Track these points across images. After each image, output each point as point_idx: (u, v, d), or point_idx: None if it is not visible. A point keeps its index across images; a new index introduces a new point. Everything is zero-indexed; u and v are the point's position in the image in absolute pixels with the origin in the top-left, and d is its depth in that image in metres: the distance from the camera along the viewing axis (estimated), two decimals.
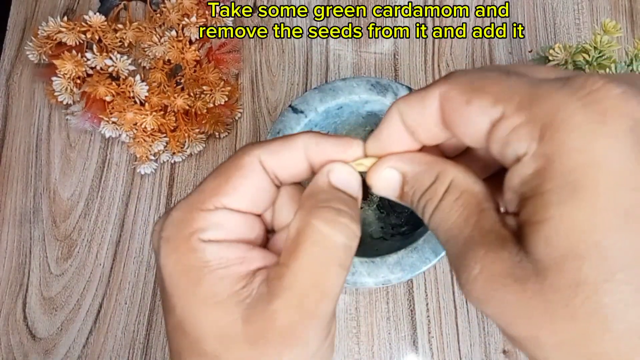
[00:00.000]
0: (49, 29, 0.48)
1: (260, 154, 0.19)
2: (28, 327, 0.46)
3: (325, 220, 0.18)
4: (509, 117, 0.15)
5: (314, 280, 0.18)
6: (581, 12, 0.55)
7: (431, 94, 0.17)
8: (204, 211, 0.18)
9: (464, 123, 0.17)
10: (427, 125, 0.18)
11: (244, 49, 0.54)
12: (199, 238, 0.18)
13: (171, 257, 0.18)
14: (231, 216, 0.19)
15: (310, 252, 0.18)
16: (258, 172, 0.19)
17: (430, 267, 0.36)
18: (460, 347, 0.45)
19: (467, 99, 0.16)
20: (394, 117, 0.19)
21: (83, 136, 0.51)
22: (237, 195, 0.19)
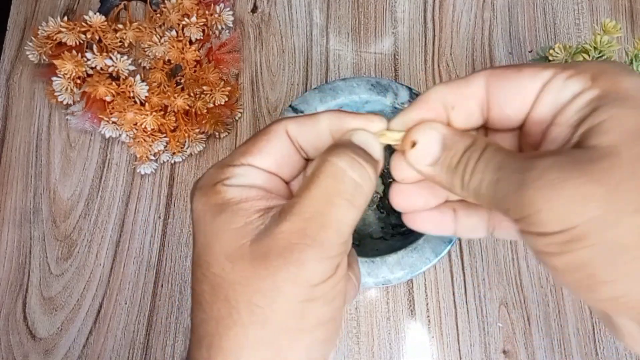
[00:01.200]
0: (49, 29, 0.48)
1: (287, 123, 0.21)
2: (28, 327, 0.46)
3: (340, 156, 0.19)
4: (560, 73, 0.18)
5: (320, 209, 0.19)
6: (581, 13, 0.55)
7: (475, 76, 0.20)
8: (231, 166, 0.21)
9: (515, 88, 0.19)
10: (467, 104, 0.20)
11: (244, 49, 0.54)
12: (223, 184, 0.20)
13: (201, 200, 0.20)
14: (255, 171, 0.21)
15: (321, 183, 0.19)
16: (283, 139, 0.21)
17: (430, 267, 0.36)
18: (460, 347, 0.45)
19: (518, 68, 0.19)
20: (432, 96, 0.20)
21: (83, 136, 0.51)
22: (261, 155, 0.21)
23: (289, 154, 0.22)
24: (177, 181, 0.50)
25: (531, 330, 0.46)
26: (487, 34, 0.54)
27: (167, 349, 0.46)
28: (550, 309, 0.46)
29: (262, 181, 0.21)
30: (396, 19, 0.55)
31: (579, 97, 0.18)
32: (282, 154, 0.21)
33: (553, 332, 0.46)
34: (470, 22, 0.54)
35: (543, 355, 0.45)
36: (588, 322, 0.46)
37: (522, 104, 0.19)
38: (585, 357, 0.45)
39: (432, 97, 0.20)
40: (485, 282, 0.47)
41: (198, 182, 0.22)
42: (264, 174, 0.21)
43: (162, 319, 0.47)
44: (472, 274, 0.47)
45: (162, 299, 0.47)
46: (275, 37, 0.54)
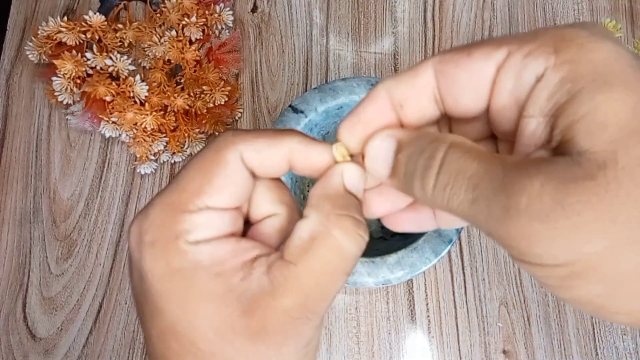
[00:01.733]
0: (49, 28, 0.48)
1: (243, 150, 0.19)
2: (28, 327, 0.46)
3: (344, 230, 0.18)
4: (516, 51, 0.15)
5: (321, 283, 0.18)
6: (581, 12, 0.55)
7: (423, 66, 0.17)
8: (187, 212, 0.18)
9: (467, 75, 0.16)
10: (417, 99, 0.18)
11: (244, 48, 0.54)
12: (187, 240, 0.18)
13: (159, 261, 0.18)
14: (216, 215, 0.18)
15: (323, 257, 0.18)
16: (240, 170, 0.19)
17: (430, 267, 0.36)
18: (460, 347, 0.45)
19: (467, 52, 0.16)
20: (379, 94, 0.18)
21: (83, 136, 0.51)
22: (222, 195, 0.18)
23: (246, 184, 0.19)
24: None
25: (531, 330, 0.46)
26: (487, 34, 0.54)
27: None
28: (550, 309, 0.46)
29: (227, 225, 0.19)
30: (396, 18, 0.55)
31: (544, 78, 0.15)
32: (240, 186, 0.19)
33: (553, 332, 0.46)
34: (470, 22, 0.54)
35: (543, 355, 0.45)
36: (588, 322, 0.46)
37: (477, 92, 0.17)
38: (585, 357, 0.45)
39: (379, 95, 0.18)
40: (485, 282, 0.47)
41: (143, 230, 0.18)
42: (226, 214, 0.19)
43: None
44: (472, 274, 0.47)
45: None
46: (275, 37, 0.54)
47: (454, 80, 0.17)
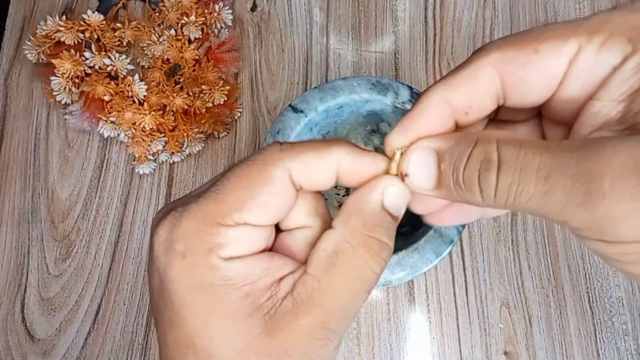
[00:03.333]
0: (47, 28, 0.48)
1: (292, 167, 0.18)
2: (26, 328, 0.46)
3: (370, 252, 0.18)
4: (589, 42, 0.15)
5: (344, 304, 0.17)
6: (582, 11, 0.54)
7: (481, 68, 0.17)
8: (223, 226, 0.17)
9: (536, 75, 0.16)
10: (481, 102, 0.17)
11: (244, 47, 0.53)
12: (220, 256, 0.17)
13: (188, 273, 0.17)
14: (254, 232, 0.18)
15: (348, 277, 0.17)
16: (287, 188, 0.18)
17: (431, 267, 0.36)
18: (461, 348, 0.45)
19: (534, 49, 0.16)
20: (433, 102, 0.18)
21: (81, 136, 0.51)
22: (263, 213, 0.18)
23: (290, 201, 0.18)
24: (176, 181, 0.50)
25: (532, 331, 0.45)
26: (489, 32, 0.54)
27: None
28: (551, 310, 0.46)
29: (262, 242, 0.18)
30: (397, 17, 0.54)
31: (623, 65, 0.15)
32: (286, 203, 0.18)
33: (554, 333, 0.45)
34: (471, 21, 0.54)
35: (544, 356, 0.45)
36: (590, 323, 0.46)
37: (547, 87, 0.16)
38: (586, 358, 0.45)
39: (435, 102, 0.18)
40: (487, 283, 0.46)
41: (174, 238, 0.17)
42: (263, 232, 0.18)
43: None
44: (473, 275, 0.47)
45: None
46: (274, 35, 0.54)
47: (522, 80, 0.16)
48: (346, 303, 0.17)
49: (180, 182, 0.50)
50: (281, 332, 0.17)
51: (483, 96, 0.17)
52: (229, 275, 0.17)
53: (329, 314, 0.17)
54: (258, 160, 0.18)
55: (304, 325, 0.17)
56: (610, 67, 0.15)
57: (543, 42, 0.16)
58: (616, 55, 0.15)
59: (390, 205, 0.18)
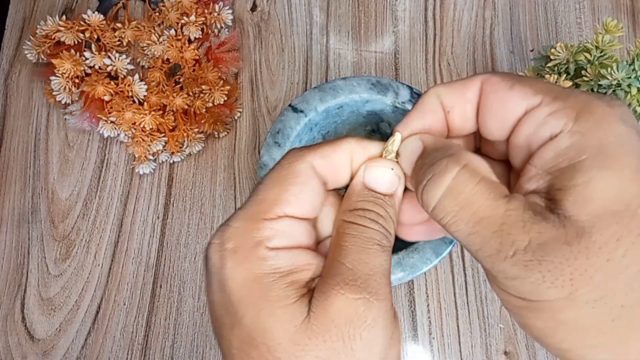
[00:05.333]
0: (47, 28, 0.48)
1: (312, 159, 0.20)
2: (26, 328, 0.46)
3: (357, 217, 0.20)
4: (547, 104, 0.17)
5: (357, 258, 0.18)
6: (582, 11, 0.54)
7: (473, 80, 0.19)
8: (267, 220, 0.19)
9: (501, 106, 0.19)
10: (463, 108, 0.20)
11: (244, 47, 0.53)
12: (267, 246, 0.18)
13: (241, 267, 0.18)
14: (294, 223, 0.19)
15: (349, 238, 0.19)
16: (313, 178, 0.20)
17: (431, 267, 0.36)
18: (461, 348, 0.45)
19: (511, 84, 0.18)
20: (431, 98, 0.20)
21: (81, 136, 0.51)
22: (298, 203, 0.19)
23: (319, 193, 0.20)
24: (176, 181, 0.50)
25: None
26: (489, 32, 0.54)
27: (165, 350, 0.46)
28: None
29: (303, 236, 0.20)
30: (397, 17, 0.54)
31: (557, 138, 0.17)
32: (315, 194, 0.20)
33: None
34: (471, 21, 0.54)
35: (544, 356, 0.45)
36: None
37: (502, 124, 0.19)
38: None
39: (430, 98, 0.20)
40: (487, 283, 0.46)
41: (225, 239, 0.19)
42: (303, 224, 0.20)
43: (160, 320, 0.46)
44: (474, 275, 0.47)
45: (161, 299, 0.47)
46: (274, 35, 0.54)
47: (489, 105, 0.19)
48: (359, 256, 0.18)
49: (180, 182, 0.50)
50: (320, 305, 0.18)
51: (465, 102, 0.20)
52: (277, 264, 0.18)
53: (350, 270, 0.18)
54: (283, 162, 0.20)
55: (334, 286, 0.18)
56: (549, 133, 0.17)
57: (520, 85, 0.18)
58: (558, 124, 0.17)
59: (370, 182, 0.20)
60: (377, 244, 0.19)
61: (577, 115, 0.17)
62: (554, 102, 0.17)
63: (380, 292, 0.18)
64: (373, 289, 0.18)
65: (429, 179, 0.18)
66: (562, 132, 0.17)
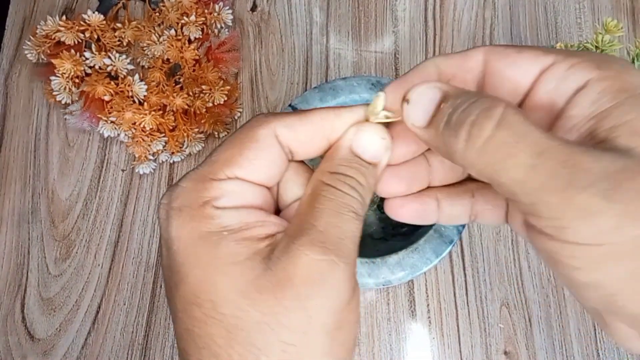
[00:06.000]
0: (47, 28, 0.48)
1: (276, 126, 0.19)
2: (26, 328, 0.46)
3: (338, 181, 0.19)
4: (562, 61, 0.17)
5: (332, 221, 0.18)
6: (582, 11, 0.54)
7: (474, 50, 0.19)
8: (216, 180, 0.18)
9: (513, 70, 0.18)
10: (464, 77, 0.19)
11: (244, 48, 0.53)
12: (214, 205, 0.18)
13: (186, 226, 0.18)
14: (246, 186, 0.19)
15: (326, 200, 0.18)
16: (273, 146, 0.19)
17: (431, 267, 0.36)
18: (461, 348, 0.45)
19: (518, 49, 0.18)
20: (428, 66, 0.19)
21: (81, 136, 0.51)
22: (251, 168, 0.19)
23: (278, 161, 0.19)
24: (176, 181, 0.50)
25: (532, 331, 0.45)
26: (488, 32, 0.54)
27: (166, 350, 0.46)
28: (551, 310, 0.46)
29: (255, 198, 0.19)
30: (397, 17, 0.54)
31: (587, 86, 0.16)
32: (272, 161, 0.19)
33: (554, 332, 0.45)
34: (471, 21, 0.54)
35: (544, 356, 0.45)
36: (589, 322, 0.46)
37: (517, 87, 0.18)
38: (586, 357, 0.45)
39: (428, 66, 0.19)
40: (487, 283, 0.46)
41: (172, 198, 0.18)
42: (255, 188, 0.19)
43: (161, 320, 0.46)
44: (473, 275, 0.47)
45: (161, 299, 0.47)
46: (274, 35, 0.54)
47: (499, 72, 0.18)
48: (332, 220, 0.18)
49: None
50: (280, 263, 0.17)
51: (466, 72, 0.19)
52: (224, 223, 0.18)
53: (321, 233, 0.17)
54: (246, 125, 0.19)
55: (301, 245, 0.17)
56: (575, 85, 0.17)
57: (528, 49, 0.18)
58: (581, 75, 0.17)
59: (358, 148, 0.19)
60: (352, 211, 0.18)
61: (597, 65, 0.17)
62: (569, 59, 0.17)
63: (348, 256, 0.17)
64: (341, 252, 0.17)
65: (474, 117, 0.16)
66: (590, 81, 0.16)
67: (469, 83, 0.19)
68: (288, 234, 0.18)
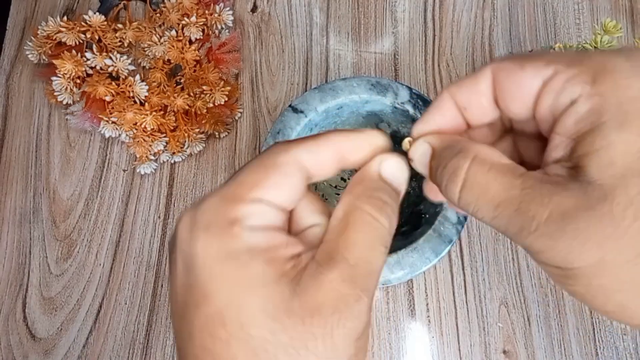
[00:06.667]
0: (48, 28, 0.48)
1: (297, 152, 0.20)
2: (28, 327, 0.46)
3: (376, 208, 0.19)
4: (562, 71, 0.17)
5: (364, 256, 0.18)
6: (581, 12, 0.54)
7: (483, 72, 0.20)
8: (243, 202, 0.18)
9: (517, 87, 0.19)
10: (478, 101, 0.20)
11: (244, 48, 0.54)
12: (243, 225, 0.18)
13: (213, 244, 0.18)
14: (271, 209, 0.19)
15: (360, 231, 0.19)
16: (297, 172, 0.20)
17: (430, 267, 0.36)
18: (460, 347, 0.45)
19: (521, 65, 0.18)
20: (445, 98, 0.21)
21: (83, 136, 0.51)
22: (276, 191, 0.19)
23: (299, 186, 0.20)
24: (177, 181, 0.50)
25: (531, 330, 0.46)
26: (488, 33, 0.54)
27: (167, 349, 0.46)
28: (550, 309, 0.46)
29: (277, 221, 0.19)
30: (396, 18, 0.55)
31: (577, 103, 0.17)
32: (295, 186, 0.20)
33: (553, 332, 0.45)
34: (470, 22, 0.54)
35: (543, 355, 0.45)
36: (588, 322, 0.46)
37: (524, 102, 0.19)
38: (585, 357, 0.45)
39: (445, 99, 0.21)
40: (486, 282, 0.47)
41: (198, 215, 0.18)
42: (278, 211, 0.19)
43: (162, 319, 0.47)
44: (472, 274, 0.47)
45: (162, 299, 0.47)
46: (275, 36, 0.54)
47: (506, 89, 0.19)
48: (365, 255, 0.18)
49: (181, 182, 0.50)
50: (309, 290, 0.17)
51: (480, 96, 0.20)
52: (252, 243, 0.18)
53: (352, 268, 0.18)
54: (268, 152, 0.20)
55: (331, 280, 0.17)
56: (569, 99, 0.17)
57: (530, 62, 0.18)
58: (576, 89, 0.17)
59: (387, 175, 0.21)
60: (383, 245, 0.19)
61: (593, 78, 0.16)
62: (569, 69, 0.17)
63: (372, 290, 0.18)
64: (367, 287, 0.18)
65: (446, 180, 0.19)
66: (581, 97, 0.17)
67: (485, 105, 0.20)
68: (317, 260, 0.18)
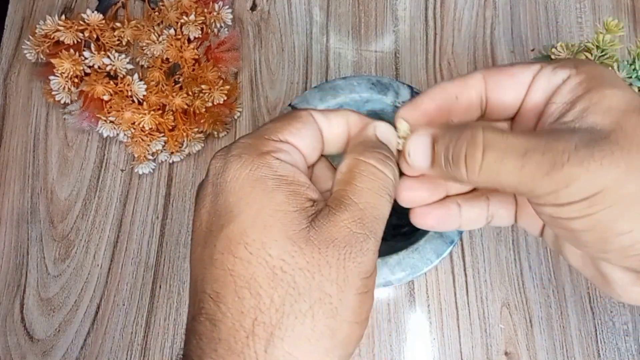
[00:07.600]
0: (46, 27, 0.48)
1: (313, 112, 0.22)
2: (25, 328, 0.46)
3: (378, 160, 0.21)
4: (548, 65, 0.21)
5: (372, 201, 0.20)
6: (583, 11, 0.54)
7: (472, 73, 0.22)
8: (273, 140, 0.21)
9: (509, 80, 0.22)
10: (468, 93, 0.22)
11: (243, 47, 0.53)
12: (274, 156, 0.20)
13: (245, 169, 0.19)
14: (295, 150, 0.21)
15: (366, 181, 0.20)
16: (314, 124, 0.22)
17: (431, 268, 0.36)
18: (461, 348, 0.45)
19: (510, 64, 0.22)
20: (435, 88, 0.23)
21: (81, 135, 0.51)
22: (300, 136, 0.21)
23: (317, 140, 0.22)
24: (176, 181, 0.50)
25: (533, 331, 0.45)
26: (489, 32, 0.54)
27: (165, 350, 0.46)
28: (552, 310, 0.46)
29: (302, 166, 0.21)
30: (397, 17, 0.54)
31: (568, 79, 0.20)
32: (315, 138, 0.22)
33: (555, 333, 0.45)
34: (471, 21, 0.54)
35: (545, 356, 0.45)
36: (590, 323, 0.45)
37: (517, 91, 0.22)
38: (587, 358, 0.45)
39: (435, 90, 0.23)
40: (487, 283, 0.46)
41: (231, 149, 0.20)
42: (302, 157, 0.21)
43: (160, 320, 0.46)
44: (474, 275, 0.47)
45: (161, 300, 0.47)
46: (274, 35, 0.54)
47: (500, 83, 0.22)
48: (373, 200, 0.20)
49: (179, 182, 0.50)
50: (324, 227, 0.19)
51: (470, 89, 0.22)
52: (280, 173, 0.20)
53: (361, 211, 0.20)
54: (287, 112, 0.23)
55: (344, 219, 0.19)
56: (561, 78, 0.20)
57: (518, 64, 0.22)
58: (565, 72, 0.21)
59: (382, 136, 0.22)
60: (388, 195, 0.21)
61: (575, 65, 0.20)
62: (552, 63, 0.21)
63: (378, 233, 0.20)
64: (374, 229, 0.20)
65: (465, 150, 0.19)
66: (571, 76, 0.20)
67: (472, 98, 0.22)
68: (329, 205, 0.20)
